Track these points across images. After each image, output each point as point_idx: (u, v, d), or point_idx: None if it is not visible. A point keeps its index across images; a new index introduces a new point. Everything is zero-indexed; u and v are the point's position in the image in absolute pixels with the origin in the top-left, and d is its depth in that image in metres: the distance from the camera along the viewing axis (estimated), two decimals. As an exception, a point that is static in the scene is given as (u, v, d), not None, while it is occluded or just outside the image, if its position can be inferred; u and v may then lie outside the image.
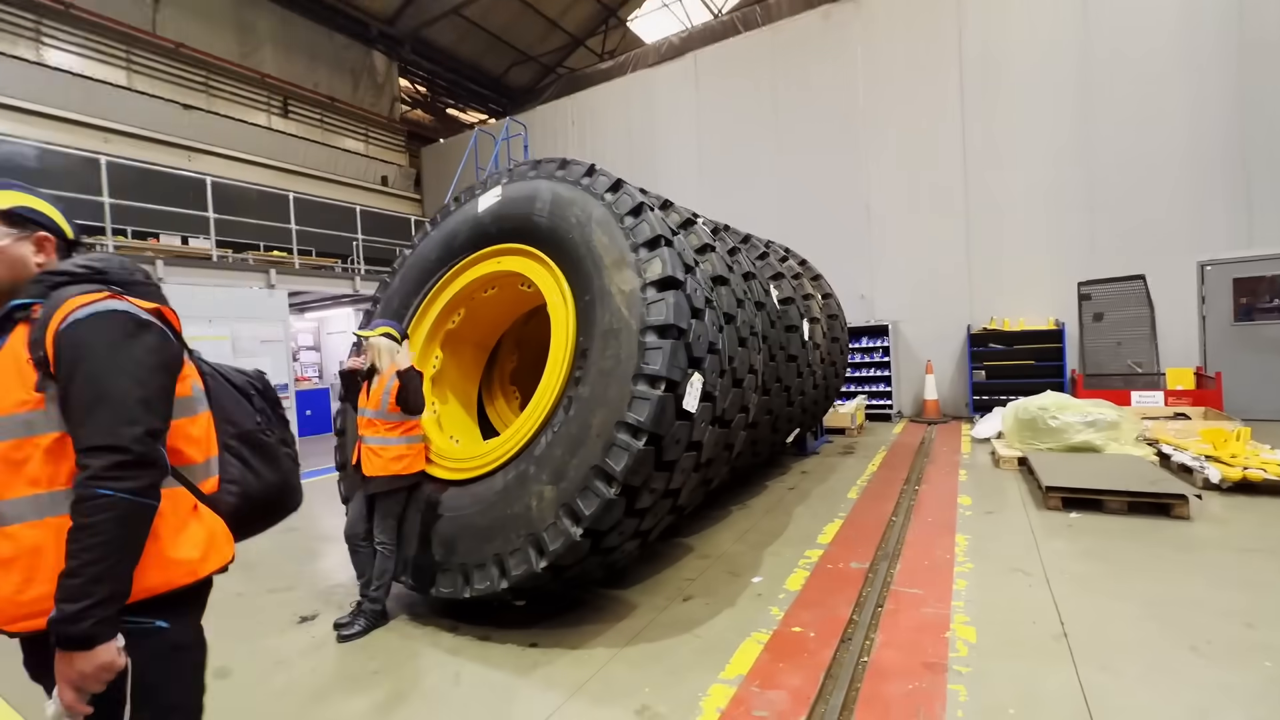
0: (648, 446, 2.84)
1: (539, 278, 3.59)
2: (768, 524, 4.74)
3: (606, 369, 3.01)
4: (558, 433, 3.06)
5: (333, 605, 3.65)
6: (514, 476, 3.14)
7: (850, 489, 5.66)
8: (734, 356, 3.72)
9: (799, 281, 6.19)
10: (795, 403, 5.50)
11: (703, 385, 3.08)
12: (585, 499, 2.85)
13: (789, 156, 10.88)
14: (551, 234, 3.55)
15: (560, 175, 3.70)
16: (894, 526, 4.51)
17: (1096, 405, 5.96)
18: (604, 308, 3.15)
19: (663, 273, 3.06)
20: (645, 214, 3.27)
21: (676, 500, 3.28)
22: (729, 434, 3.86)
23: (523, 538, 2.98)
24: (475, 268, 3.96)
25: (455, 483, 3.43)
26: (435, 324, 4.08)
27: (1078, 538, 4.04)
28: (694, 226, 4.10)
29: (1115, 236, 8.50)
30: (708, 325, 3.20)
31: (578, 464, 2.92)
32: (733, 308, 3.82)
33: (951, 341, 9.58)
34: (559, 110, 14.00)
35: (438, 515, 3.34)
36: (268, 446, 1.61)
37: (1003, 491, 5.26)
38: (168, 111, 11.56)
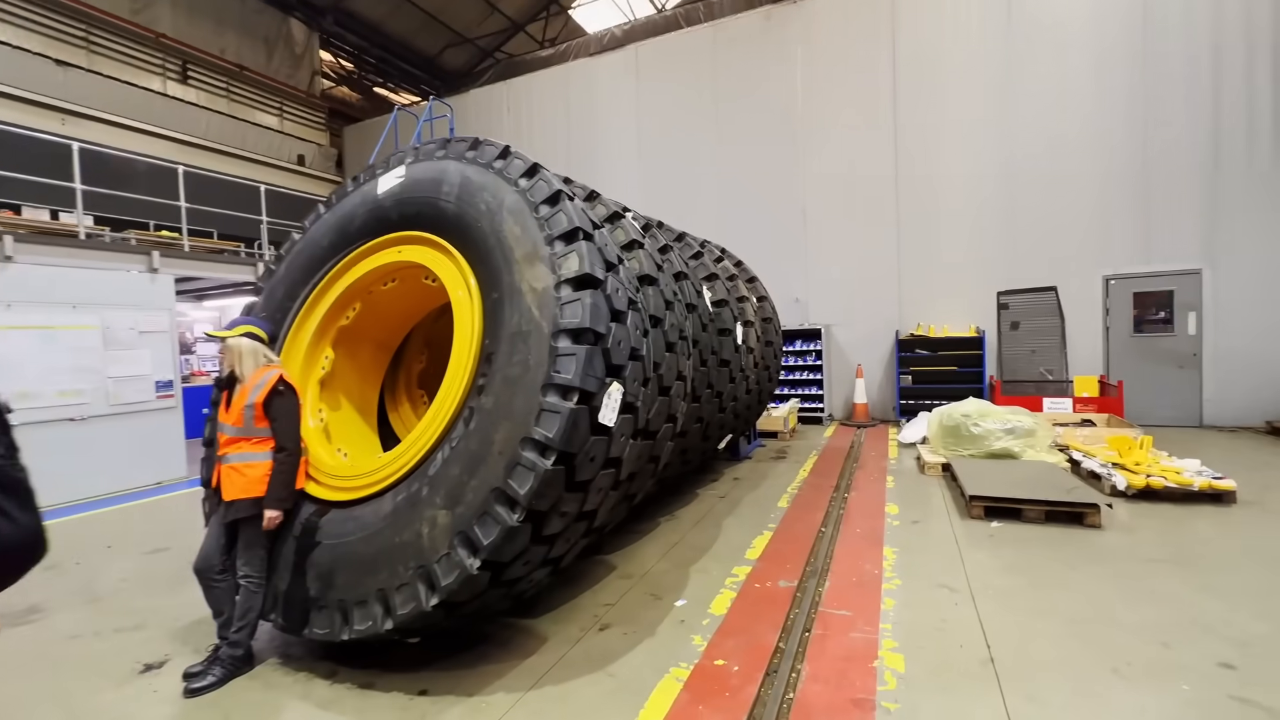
0: (557, 466, 2.51)
1: (443, 271, 3.18)
2: (696, 538, 4.51)
3: (513, 377, 2.65)
4: (455, 449, 2.68)
5: (189, 648, 3.11)
6: (404, 499, 2.73)
7: (781, 497, 5.53)
8: (660, 363, 3.45)
9: (734, 283, 6.02)
10: (728, 409, 5.31)
11: (623, 396, 2.78)
12: (484, 526, 2.49)
13: (729, 156, 10.78)
14: (458, 222, 3.15)
15: (471, 157, 3.30)
16: (823, 538, 4.39)
17: (1014, 413, 6.12)
18: (513, 307, 2.79)
19: (580, 269, 2.73)
20: (563, 203, 2.93)
21: (592, 523, 2.97)
22: (654, 446, 3.59)
23: (411, 570, 2.58)
24: (373, 257, 3.50)
25: (339, 504, 2.98)
26: (326, 319, 3.58)
27: (999, 549, 4.03)
28: (621, 221, 3.79)
29: (1033, 248, 8.88)
30: (630, 329, 2.90)
31: (477, 485, 2.55)
32: (660, 310, 3.54)
33: (881, 346, 9.76)
34: (494, 95, 13.37)
35: (315, 543, 2.88)
36: (19, 484, 1.20)
37: (928, 499, 5.27)
38: (36, 67, 10.13)
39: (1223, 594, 3.23)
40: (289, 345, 3.56)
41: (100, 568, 4.36)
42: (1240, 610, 3.03)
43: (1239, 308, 7.90)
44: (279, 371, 2.93)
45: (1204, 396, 8.09)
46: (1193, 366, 8.13)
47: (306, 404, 3.46)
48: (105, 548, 4.87)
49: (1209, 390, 8.06)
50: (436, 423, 2.83)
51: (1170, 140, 8.14)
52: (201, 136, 12.47)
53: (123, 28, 11.38)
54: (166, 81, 12.16)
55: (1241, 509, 4.63)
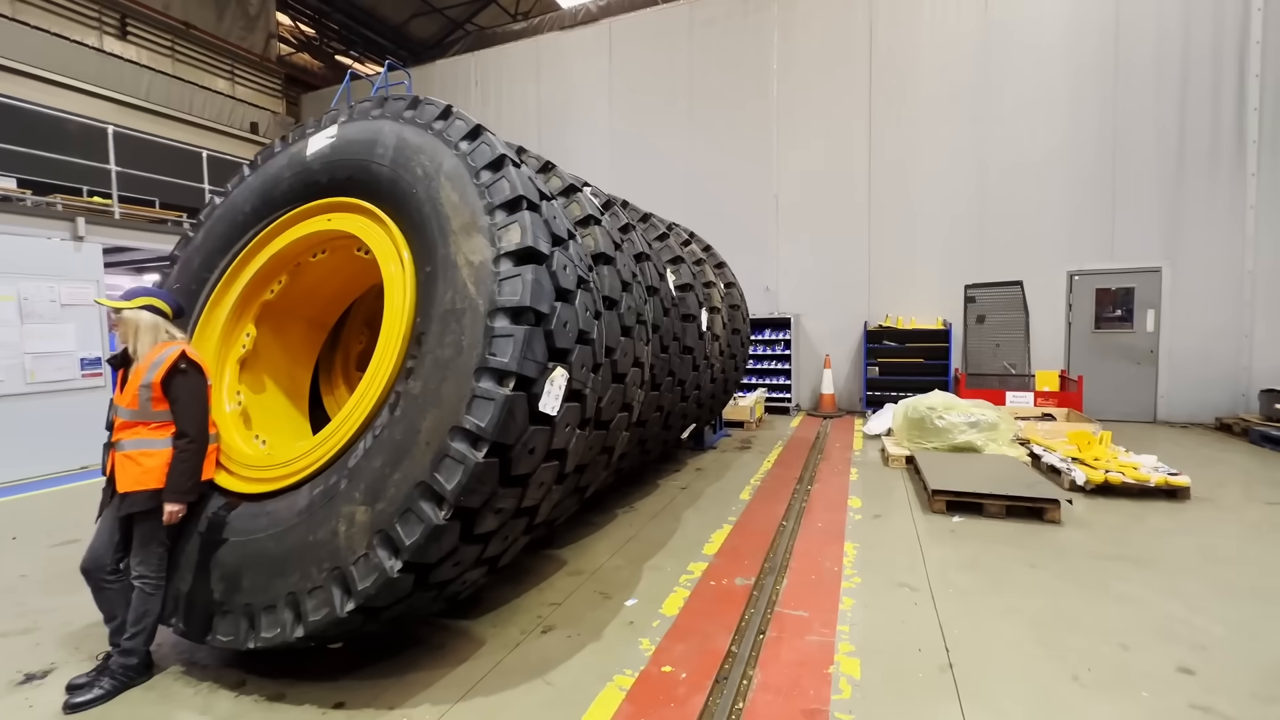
0: (490, 459, 2.27)
1: (375, 241, 2.88)
2: (652, 531, 4.33)
3: (444, 359, 2.39)
4: (379, 438, 2.41)
5: (81, 655, 2.80)
6: (321, 493, 2.46)
7: (744, 489, 5.39)
8: (615, 347, 3.22)
9: (700, 268, 5.81)
10: (690, 398, 5.12)
11: (568, 382, 2.54)
12: (406, 524, 2.24)
13: (702, 140, 10.53)
14: (392, 188, 2.86)
15: (409, 116, 3.00)
16: (784, 533, 4.25)
17: (979, 406, 6.08)
18: (447, 282, 2.52)
19: (521, 242, 2.47)
20: (506, 169, 2.66)
21: (534, 519, 2.74)
22: (608, 436, 3.37)
23: (325, 572, 2.32)
24: (300, 225, 3.18)
25: (251, 497, 2.69)
26: (246, 293, 3.25)
27: (960, 544, 3.95)
28: (577, 194, 3.53)
29: (1001, 243, 8.89)
30: (579, 310, 2.66)
31: (400, 479, 2.30)
32: (616, 291, 3.30)
33: (849, 337, 9.71)
34: (460, 67, 12.81)
35: (221, 540, 2.59)
36: None
37: (891, 492, 5.19)
38: None
39: (1180, 594, 3.18)
40: (204, 321, 3.22)
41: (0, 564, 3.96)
42: (1198, 612, 2.98)
43: (1194, 306, 8.04)
44: (180, 347, 2.60)
45: (1158, 393, 8.24)
46: (1149, 363, 8.27)
47: (222, 385, 3.14)
48: (10, 539, 4.45)
49: (1163, 386, 8.22)
50: (360, 409, 2.56)
51: (1137, 141, 8.19)
52: (142, 98, 11.66)
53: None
54: (103, 36, 11.30)
55: (1195, 505, 4.65)
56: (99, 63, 11.06)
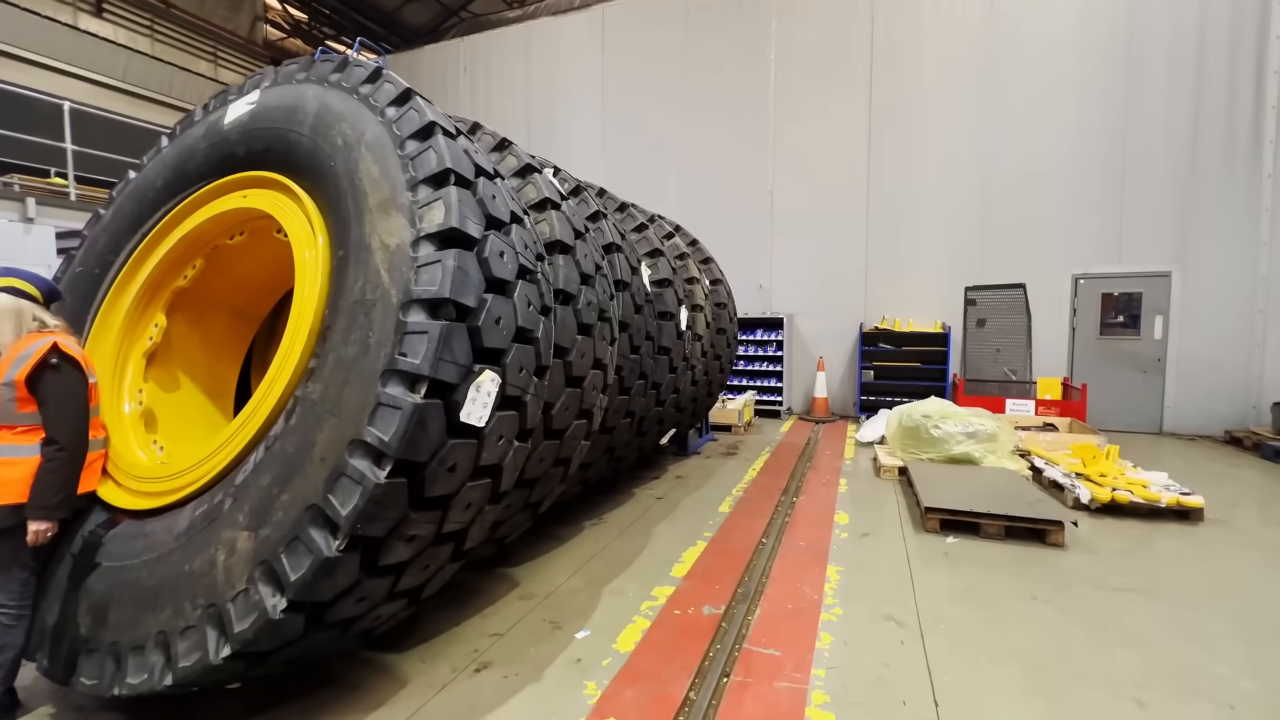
0: (396, 479, 1.90)
1: (291, 222, 2.51)
2: (619, 548, 3.97)
3: (348, 359, 2.03)
4: (271, 451, 2.05)
5: (-59, 690, 2.43)
6: (203, 513, 2.10)
7: (724, 499, 5.03)
8: (569, 347, 2.86)
9: (683, 262, 5.45)
10: (667, 401, 4.76)
11: (499, 387, 2.18)
12: (293, 555, 1.88)
13: (695, 131, 10.14)
14: (310, 160, 2.49)
15: (335, 80, 2.63)
16: (763, 552, 3.89)
17: (977, 415, 5.73)
18: (358, 269, 2.15)
19: (444, 222, 2.10)
20: (435, 138, 2.29)
21: (462, 544, 2.38)
22: (563, 446, 3.00)
23: (200, 609, 1.96)
24: (214, 203, 2.81)
25: (135, 514, 2.32)
26: (155, 278, 2.88)
27: (955, 570, 3.60)
28: (533, 175, 3.16)
29: (1004, 244, 8.52)
30: (518, 303, 2.29)
31: (289, 501, 1.93)
32: (573, 284, 2.94)
33: (844, 339, 9.35)
34: (449, 53, 12.42)
35: (93, 565, 2.22)
36: None
37: (881, 507, 4.83)
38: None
39: (1200, 636, 2.83)
40: (106, 309, 2.85)
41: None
42: (1222, 659, 2.63)
43: (1204, 313, 7.68)
44: (53, 339, 2.23)
45: (1165, 403, 7.89)
46: (1156, 372, 7.91)
47: (122, 382, 2.78)
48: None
49: (1170, 396, 7.86)
50: (257, 416, 2.19)
51: (1148, 139, 7.82)
52: (119, 79, 11.26)
53: (24, -52, 10.08)
54: (77, 13, 10.89)
55: (1209, 528, 4.30)
56: (72, 40, 10.66)
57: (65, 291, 2.99)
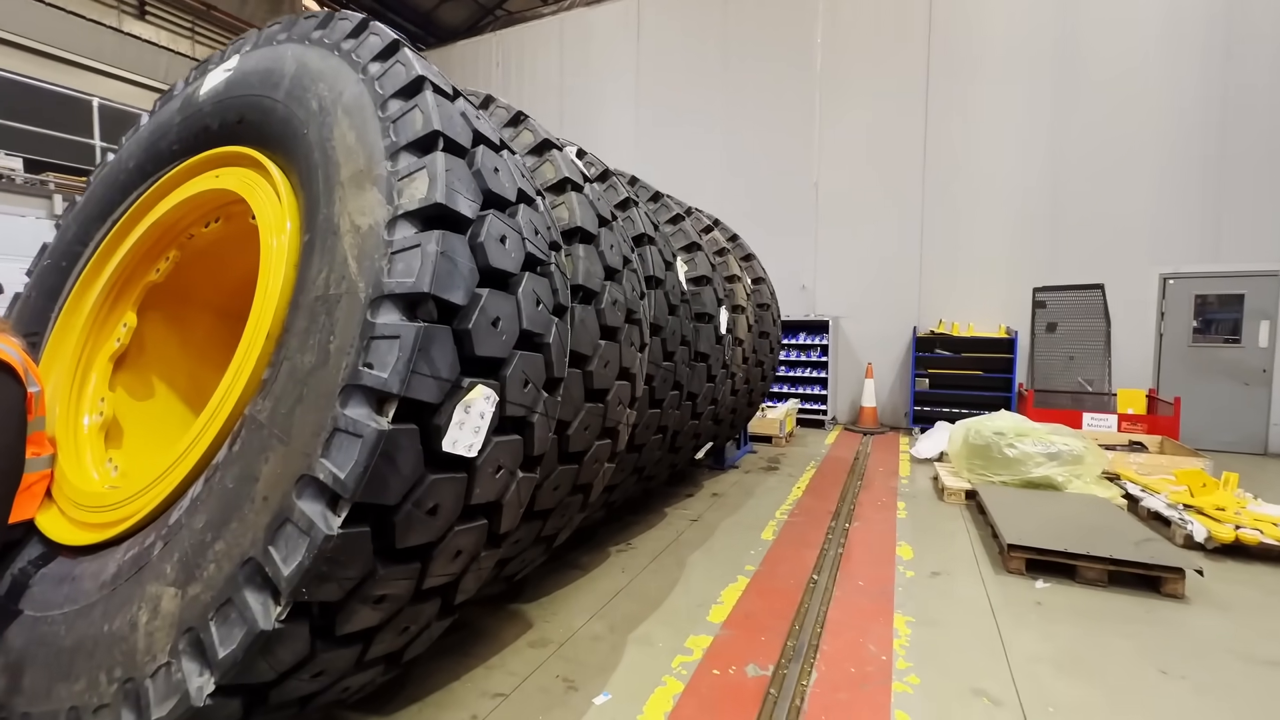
0: (353, 529, 1.46)
1: (261, 203, 2.12)
2: (648, 582, 3.48)
3: (302, 370, 1.60)
4: (210, 485, 1.64)
5: None
6: (131, 558, 1.70)
7: (766, 524, 4.49)
8: (590, 354, 2.39)
9: (723, 259, 4.92)
10: (704, 413, 4.25)
11: (496, 407, 1.71)
12: (223, 624, 1.45)
13: (736, 122, 9.59)
14: (284, 130, 2.09)
15: (317, 37, 2.23)
16: (815, 593, 3.34)
17: (1058, 433, 5.02)
18: (323, 256, 1.73)
19: (427, 196, 1.66)
20: (422, 95, 1.85)
21: (451, 599, 1.93)
22: (582, 471, 2.53)
23: (116, 685, 1.55)
24: (186, 185, 2.45)
25: (72, 550, 1.95)
26: (123, 272, 2.53)
27: (1053, 626, 2.98)
28: (551, 152, 2.70)
29: (1078, 239, 7.70)
30: (522, 300, 1.83)
31: (223, 552, 1.51)
32: (595, 278, 2.46)
33: (896, 344, 8.65)
34: (481, 48, 12.18)
35: (15, 611, 1.86)
36: None
37: (951, 539, 4.21)
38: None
39: (1405, 740, 2.16)
40: (70, 306, 2.52)
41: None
42: None
43: (1320, 318, 6.72)
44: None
45: (1271, 419, 6.94)
46: (1261, 384, 6.98)
47: (83, 390, 2.44)
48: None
49: (1278, 412, 6.91)
50: (203, 438, 1.79)
51: (1251, 121, 6.90)
52: (161, 79, 11.38)
53: (71, -48, 10.26)
54: (121, 16, 11.05)
55: (1364, 579, 3.55)
56: (116, 43, 10.82)
57: (33, 287, 2.68)
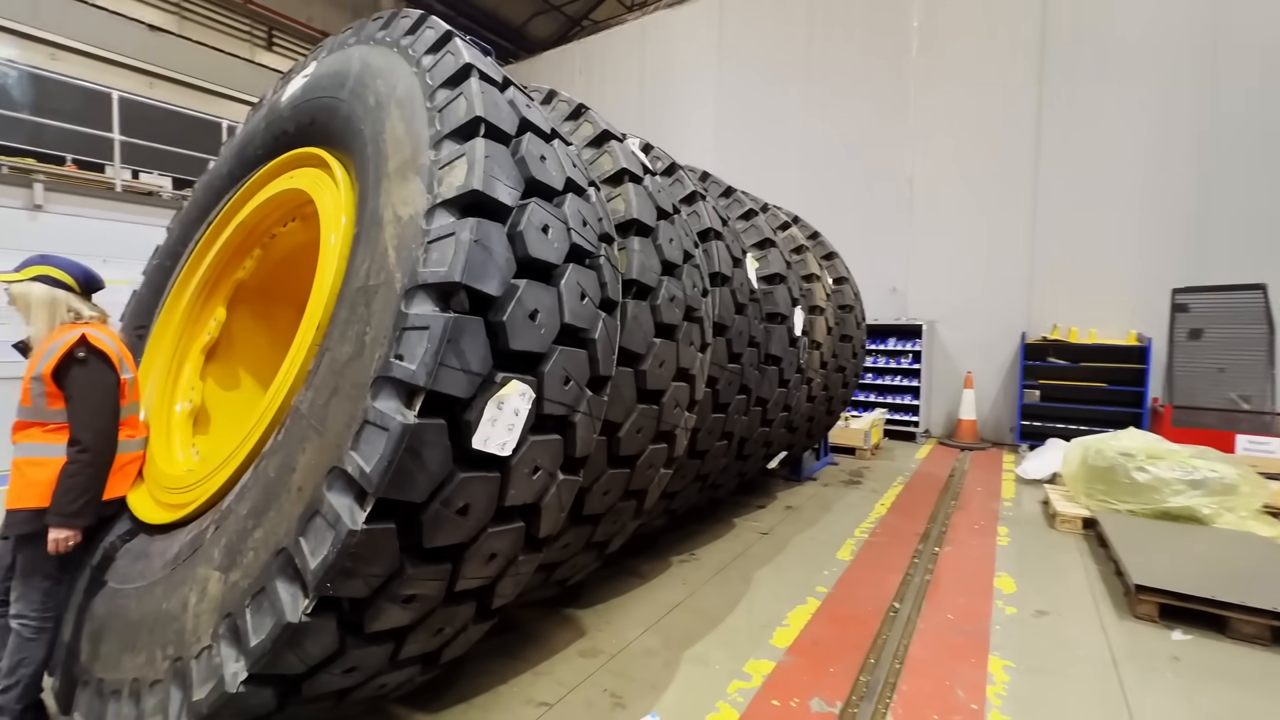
0: (378, 524, 1.42)
1: (325, 200, 2.17)
2: (710, 597, 3.29)
3: (340, 361, 1.59)
4: (256, 473, 1.67)
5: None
6: (191, 539, 1.77)
7: (844, 542, 4.15)
8: (644, 352, 2.26)
9: (801, 257, 4.63)
10: (776, 420, 3.99)
11: (533, 404, 1.63)
12: (257, 612, 1.46)
13: (821, 114, 9.14)
14: (346, 127, 2.14)
15: (380, 36, 2.27)
16: (895, 623, 3.01)
17: (1204, 456, 4.28)
18: (366, 248, 1.72)
19: (465, 184, 1.60)
20: (468, 83, 1.80)
21: (488, 602, 1.86)
22: (634, 476, 2.41)
23: (168, 663, 1.61)
24: (267, 187, 2.58)
25: (154, 528, 2.08)
26: (214, 270, 2.72)
27: (1194, 690, 2.48)
28: (610, 143, 2.61)
29: (1229, 232, 6.61)
30: (565, 293, 1.74)
31: (261, 540, 1.53)
32: (651, 272, 2.34)
33: (1000, 351, 7.84)
34: (565, 57, 12.46)
35: (102, 582, 2.00)
36: None
37: (1064, 574, 3.68)
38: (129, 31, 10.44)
39: None
40: (171, 302, 2.74)
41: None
42: None
43: None
44: (83, 331, 2.06)
45: None
46: None
47: (177, 379, 2.63)
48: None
49: None
50: (259, 425, 1.84)
51: None
52: (284, 104, 12.57)
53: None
54: (254, 49, 12.34)
55: None
56: (249, 72, 12.07)
57: (145, 284, 2.95)
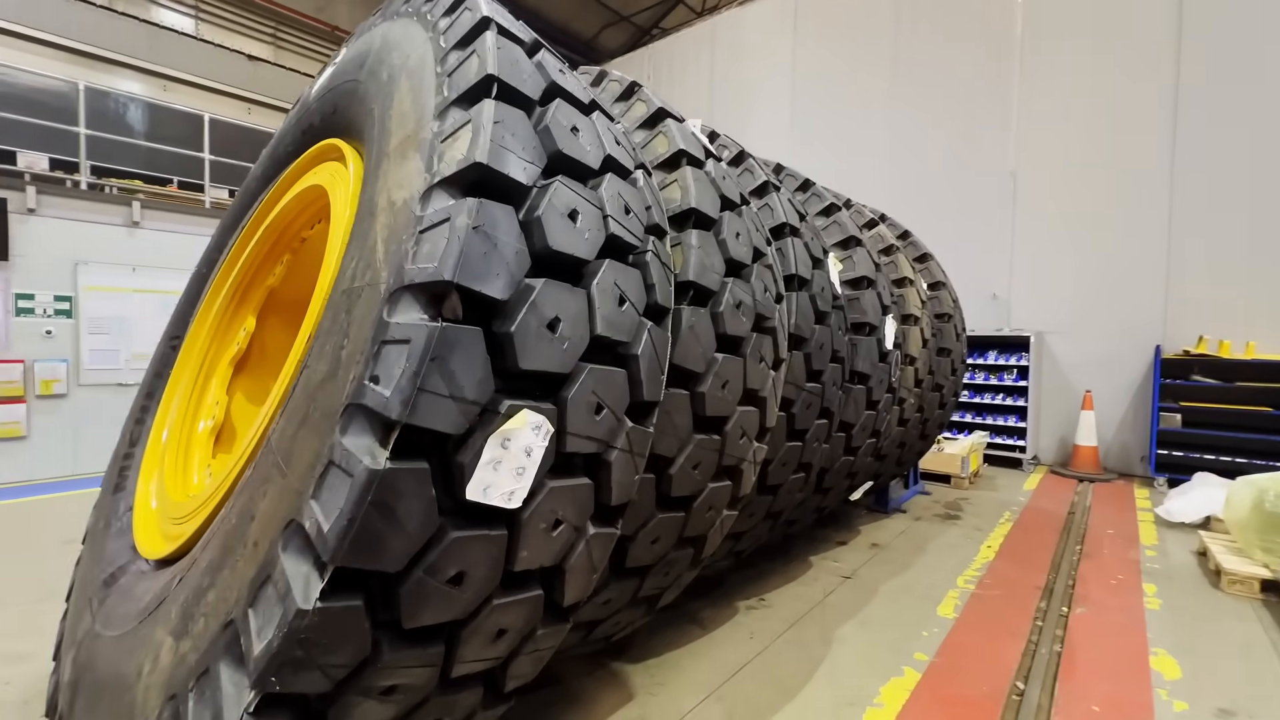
0: (335, 603, 1.07)
1: (338, 195, 1.92)
2: (783, 658, 2.78)
3: (314, 382, 1.28)
4: (222, 518, 1.38)
5: None
6: (161, 587, 1.52)
7: (946, 594, 3.50)
8: (702, 371, 1.84)
9: (891, 259, 4.05)
10: (863, 448, 3.43)
11: (551, 439, 1.25)
12: (199, 701, 1.15)
13: (907, 107, 8.38)
14: (360, 109, 1.88)
15: (402, 9, 1.99)
16: (1021, 712, 2.39)
17: None
18: (357, 242, 1.41)
19: (467, 156, 1.25)
20: (483, 39, 1.47)
21: (500, 685, 1.48)
22: (690, 521, 1.98)
23: (117, 741, 1.34)
24: (293, 187, 2.38)
25: (148, 563, 1.87)
26: (244, 276, 2.55)
27: None
28: (666, 123, 2.21)
29: None
30: (596, 296, 1.35)
31: (213, 605, 1.23)
32: (712, 273, 1.91)
33: (1127, 367, 6.75)
34: (632, 63, 12.29)
35: (91, 622, 1.79)
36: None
37: (1244, 652, 2.88)
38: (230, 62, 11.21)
39: None
40: (202, 312, 2.60)
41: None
42: None
43: None
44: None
45: None
46: None
47: (203, 394, 2.47)
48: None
49: None
50: (242, 456, 1.56)
51: None
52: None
53: (306, 24, 12.31)
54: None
55: None
56: (255, 71, 12.65)
57: (184, 293, 2.85)
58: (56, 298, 6.32)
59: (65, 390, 6.41)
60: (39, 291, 6.22)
